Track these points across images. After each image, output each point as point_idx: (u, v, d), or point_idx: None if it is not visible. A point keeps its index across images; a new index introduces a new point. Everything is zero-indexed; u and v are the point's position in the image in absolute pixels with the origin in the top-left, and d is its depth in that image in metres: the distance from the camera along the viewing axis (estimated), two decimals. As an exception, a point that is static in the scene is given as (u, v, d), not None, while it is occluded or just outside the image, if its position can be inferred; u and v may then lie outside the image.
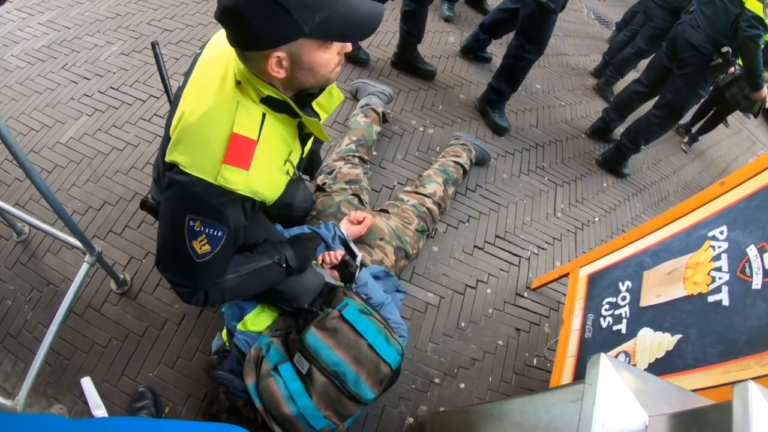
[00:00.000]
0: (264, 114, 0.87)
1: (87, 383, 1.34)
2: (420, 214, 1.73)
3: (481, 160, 2.23)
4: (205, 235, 0.87)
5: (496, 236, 2.08)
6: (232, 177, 0.83)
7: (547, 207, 2.31)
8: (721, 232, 1.15)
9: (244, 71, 0.83)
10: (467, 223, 2.06)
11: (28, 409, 1.26)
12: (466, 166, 2.04)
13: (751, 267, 1.02)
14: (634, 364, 1.19)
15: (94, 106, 1.97)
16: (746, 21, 1.97)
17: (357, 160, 1.82)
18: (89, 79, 2.06)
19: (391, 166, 2.11)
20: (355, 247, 1.43)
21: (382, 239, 1.55)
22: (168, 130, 0.93)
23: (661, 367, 1.11)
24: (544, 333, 1.88)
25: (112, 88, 2.05)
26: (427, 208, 1.77)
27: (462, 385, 1.64)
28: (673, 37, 2.32)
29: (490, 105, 2.45)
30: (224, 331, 1.27)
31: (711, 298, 1.08)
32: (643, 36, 3.04)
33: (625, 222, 2.53)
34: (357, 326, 1.13)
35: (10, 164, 1.74)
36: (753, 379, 0.54)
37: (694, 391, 0.87)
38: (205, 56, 0.94)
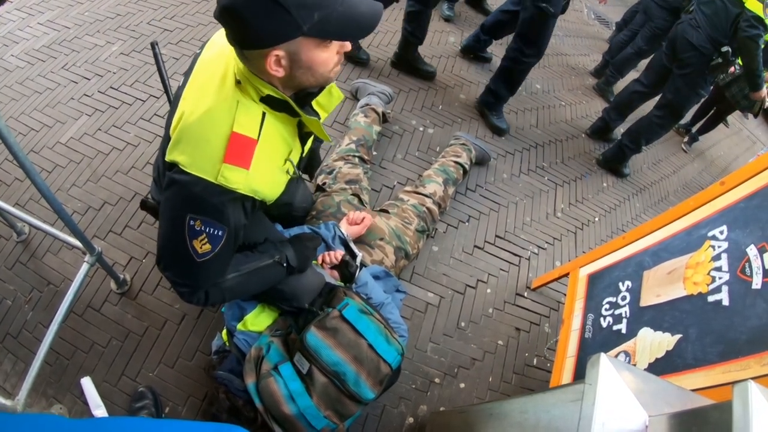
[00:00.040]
0: (264, 113, 0.87)
1: (87, 383, 1.34)
2: (420, 214, 1.73)
3: (481, 160, 2.23)
4: (205, 235, 0.87)
5: (496, 236, 2.08)
6: (233, 176, 0.83)
7: (547, 207, 2.31)
8: (721, 232, 1.15)
9: (244, 70, 0.83)
10: (467, 223, 2.06)
11: (28, 409, 1.26)
12: (466, 166, 2.04)
13: (751, 267, 1.02)
14: (634, 364, 1.19)
15: (94, 106, 1.97)
16: (746, 21, 1.97)
17: (357, 160, 1.82)
18: (89, 79, 2.06)
19: (391, 166, 2.11)
20: (355, 247, 1.43)
21: (382, 239, 1.55)
22: (168, 130, 0.93)
23: (661, 366, 1.11)
24: (544, 333, 1.88)
25: (112, 88, 2.05)
26: (427, 208, 1.77)
27: (462, 385, 1.64)
28: (673, 36, 2.32)
29: (488, 107, 2.45)
30: (224, 331, 1.27)
31: (711, 298, 1.08)
32: (643, 36, 3.05)
33: (625, 222, 2.53)
34: (357, 326, 1.13)
35: (10, 164, 1.74)
36: (753, 378, 0.54)
37: (694, 390, 0.87)
38: (204, 56, 0.94)
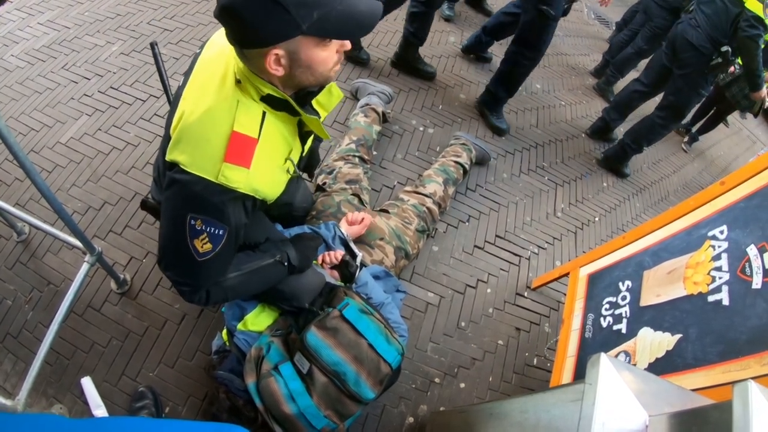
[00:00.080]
0: (264, 112, 0.87)
1: (87, 383, 1.34)
2: (420, 213, 1.73)
3: (482, 160, 2.23)
4: (206, 234, 0.87)
5: (497, 236, 2.08)
6: (233, 175, 0.84)
7: (547, 207, 2.31)
8: (721, 232, 1.15)
9: (244, 70, 0.83)
10: (467, 223, 2.06)
11: (29, 409, 1.26)
12: (467, 166, 2.04)
13: (751, 266, 1.02)
14: (635, 364, 1.19)
15: (94, 105, 1.97)
16: (746, 21, 1.97)
17: (357, 160, 1.82)
18: (89, 79, 2.06)
19: (391, 165, 2.11)
20: (355, 247, 1.43)
21: (382, 239, 1.55)
22: (168, 130, 0.93)
23: (661, 366, 1.11)
24: (545, 333, 1.88)
25: (112, 87, 2.05)
26: (428, 208, 1.77)
27: (462, 385, 1.64)
28: (673, 36, 2.32)
29: (488, 107, 2.45)
30: (224, 331, 1.27)
31: (711, 298, 1.08)
32: (643, 36, 3.05)
33: (625, 222, 2.53)
34: (357, 326, 1.13)
35: (11, 164, 1.74)
36: (753, 378, 0.54)
37: (694, 390, 0.87)
38: (204, 55, 0.94)
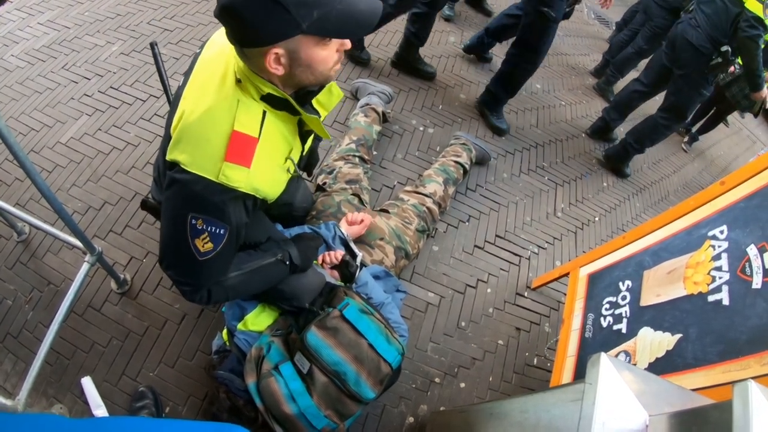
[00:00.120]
0: (264, 112, 0.87)
1: (87, 383, 1.34)
2: (420, 213, 1.73)
3: (482, 160, 2.23)
4: (207, 233, 0.87)
5: (497, 236, 2.08)
6: (234, 174, 0.84)
7: (548, 206, 2.31)
8: (722, 232, 1.15)
9: (244, 69, 0.83)
10: (467, 223, 2.06)
11: (29, 409, 1.26)
12: (467, 166, 2.04)
13: (751, 266, 1.02)
14: (635, 364, 1.19)
15: (95, 105, 1.97)
16: (746, 21, 1.97)
17: (357, 160, 1.82)
18: (89, 79, 2.06)
19: (392, 165, 2.11)
20: (356, 247, 1.43)
21: (382, 239, 1.55)
22: (168, 130, 0.93)
23: (662, 366, 1.11)
24: (545, 332, 1.88)
25: (113, 87, 2.05)
26: (428, 208, 1.77)
27: (462, 385, 1.64)
28: (673, 36, 2.32)
29: (488, 107, 2.45)
30: (225, 331, 1.27)
31: (711, 298, 1.08)
32: (644, 35, 3.04)
33: (625, 221, 2.53)
34: (358, 326, 1.13)
35: (11, 164, 1.74)
36: (753, 378, 0.55)
37: (695, 390, 0.87)
38: (204, 55, 0.94)
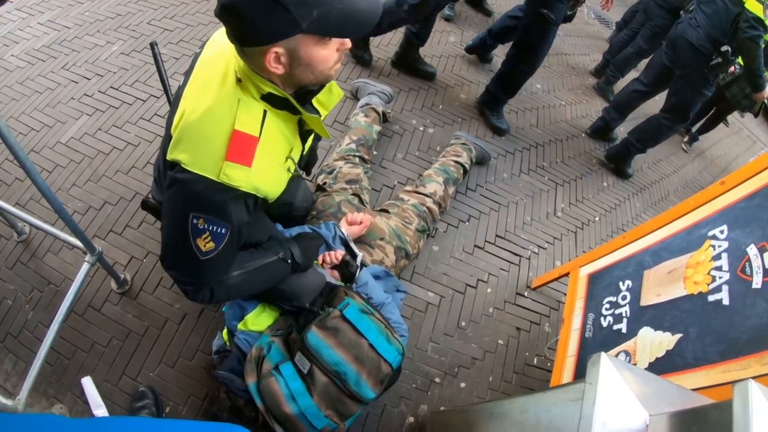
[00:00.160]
0: (265, 111, 0.87)
1: (88, 383, 1.34)
2: (420, 213, 1.73)
3: (482, 160, 2.23)
4: (208, 233, 0.87)
5: (497, 236, 2.08)
6: (235, 174, 0.84)
7: (548, 206, 2.31)
8: (722, 232, 1.15)
9: (244, 68, 0.83)
10: (468, 223, 2.06)
11: (29, 409, 1.26)
12: (467, 166, 2.04)
13: (751, 266, 1.02)
14: (635, 364, 1.19)
15: (95, 105, 1.97)
16: (746, 22, 1.97)
17: (357, 160, 1.82)
18: (89, 79, 2.06)
19: (392, 165, 2.11)
20: (356, 247, 1.43)
21: (382, 239, 1.55)
22: (169, 129, 0.93)
23: (662, 366, 1.11)
24: (545, 332, 1.88)
25: (113, 87, 2.05)
26: (428, 208, 1.77)
27: (462, 385, 1.64)
28: (673, 36, 2.32)
29: (488, 107, 2.45)
30: (225, 331, 1.27)
31: (711, 298, 1.08)
32: (644, 35, 3.05)
33: (625, 221, 2.53)
34: (358, 326, 1.14)
35: (11, 164, 1.74)
36: (753, 378, 0.55)
37: (695, 390, 0.88)
38: (205, 55, 0.95)
